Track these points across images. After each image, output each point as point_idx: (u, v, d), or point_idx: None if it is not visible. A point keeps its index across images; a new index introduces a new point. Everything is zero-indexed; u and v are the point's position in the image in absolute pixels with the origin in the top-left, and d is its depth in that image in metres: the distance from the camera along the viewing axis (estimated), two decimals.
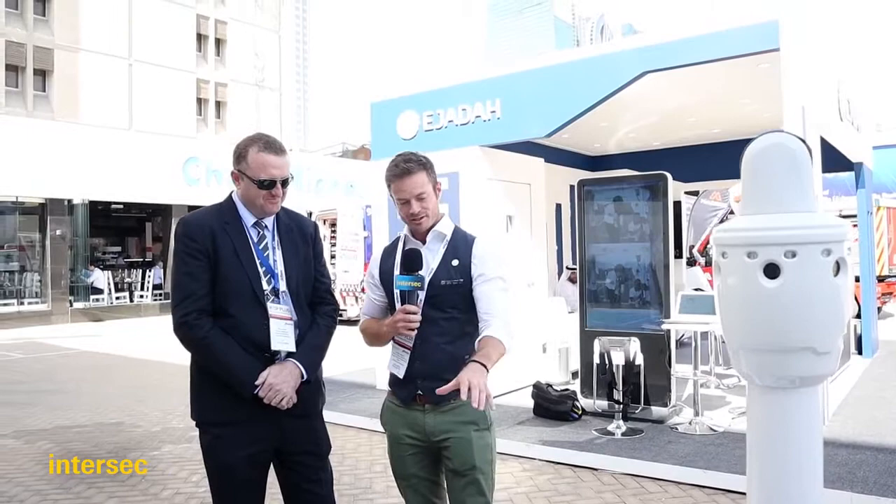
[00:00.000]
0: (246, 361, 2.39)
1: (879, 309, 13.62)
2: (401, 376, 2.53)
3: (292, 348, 2.48)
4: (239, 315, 2.43)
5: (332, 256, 16.20)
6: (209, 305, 2.43)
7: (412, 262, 2.47)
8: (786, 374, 1.06)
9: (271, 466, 2.61)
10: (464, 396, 2.10)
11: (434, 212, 2.55)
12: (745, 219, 1.10)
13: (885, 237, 13.84)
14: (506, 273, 2.57)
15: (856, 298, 9.99)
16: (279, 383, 2.39)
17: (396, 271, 2.53)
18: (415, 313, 2.43)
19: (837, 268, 1.03)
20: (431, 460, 2.57)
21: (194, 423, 2.55)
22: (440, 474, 2.59)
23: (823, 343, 1.02)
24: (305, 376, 2.47)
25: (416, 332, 2.47)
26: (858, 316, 9.22)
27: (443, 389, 2.17)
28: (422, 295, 2.48)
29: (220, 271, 2.44)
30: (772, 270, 1.02)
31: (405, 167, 2.49)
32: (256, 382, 2.37)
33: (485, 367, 2.23)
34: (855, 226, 12.60)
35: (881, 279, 13.59)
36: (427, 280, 2.49)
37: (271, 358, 2.45)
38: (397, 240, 2.66)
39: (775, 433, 1.10)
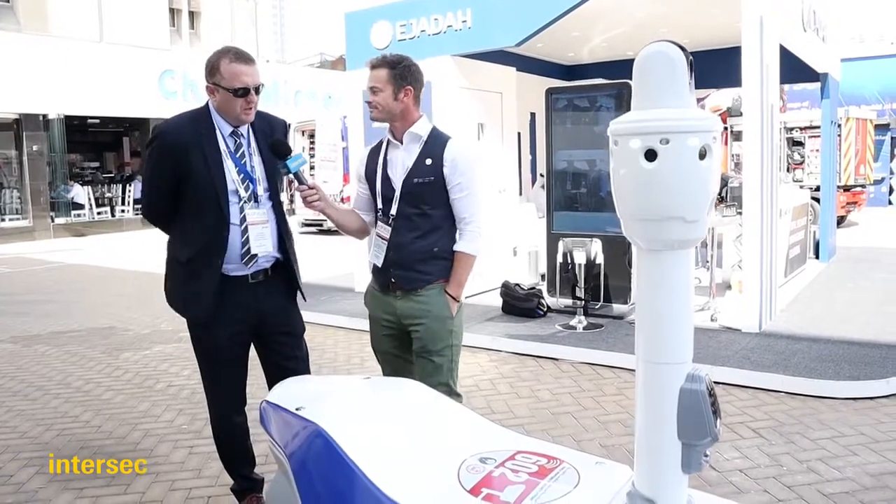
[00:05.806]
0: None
1: (844, 217, 14.08)
2: (379, 265, 2.86)
3: (270, 248, 2.74)
4: (204, 220, 2.66)
5: (311, 167, 16.09)
6: (171, 203, 2.71)
7: (279, 148, 2.69)
8: (662, 238, 1.35)
9: (252, 348, 2.93)
10: None
11: (384, 108, 2.74)
12: (633, 113, 1.36)
13: (852, 148, 14.12)
14: (478, 177, 2.85)
15: (818, 202, 10.37)
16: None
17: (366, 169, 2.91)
18: (304, 190, 2.67)
19: (704, 153, 1.34)
20: (403, 340, 2.93)
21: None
22: (410, 353, 2.93)
23: (691, 213, 1.29)
24: None
25: (318, 205, 2.72)
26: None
27: None
28: (306, 177, 2.69)
29: (189, 182, 2.65)
30: (651, 154, 1.31)
31: (372, 61, 2.74)
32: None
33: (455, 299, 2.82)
34: (817, 137, 12.89)
35: (847, 188, 13.97)
36: (402, 179, 2.76)
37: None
38: (381, 141, 2.93)
39: (657, 284, 1.41)
